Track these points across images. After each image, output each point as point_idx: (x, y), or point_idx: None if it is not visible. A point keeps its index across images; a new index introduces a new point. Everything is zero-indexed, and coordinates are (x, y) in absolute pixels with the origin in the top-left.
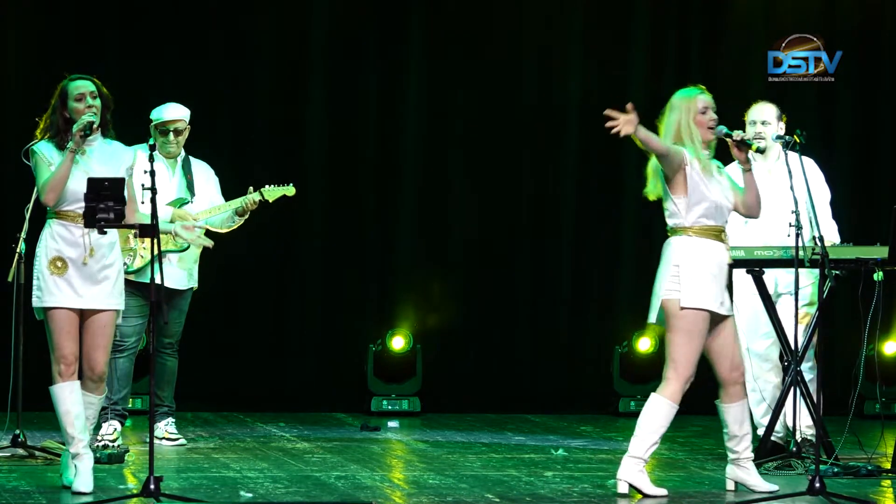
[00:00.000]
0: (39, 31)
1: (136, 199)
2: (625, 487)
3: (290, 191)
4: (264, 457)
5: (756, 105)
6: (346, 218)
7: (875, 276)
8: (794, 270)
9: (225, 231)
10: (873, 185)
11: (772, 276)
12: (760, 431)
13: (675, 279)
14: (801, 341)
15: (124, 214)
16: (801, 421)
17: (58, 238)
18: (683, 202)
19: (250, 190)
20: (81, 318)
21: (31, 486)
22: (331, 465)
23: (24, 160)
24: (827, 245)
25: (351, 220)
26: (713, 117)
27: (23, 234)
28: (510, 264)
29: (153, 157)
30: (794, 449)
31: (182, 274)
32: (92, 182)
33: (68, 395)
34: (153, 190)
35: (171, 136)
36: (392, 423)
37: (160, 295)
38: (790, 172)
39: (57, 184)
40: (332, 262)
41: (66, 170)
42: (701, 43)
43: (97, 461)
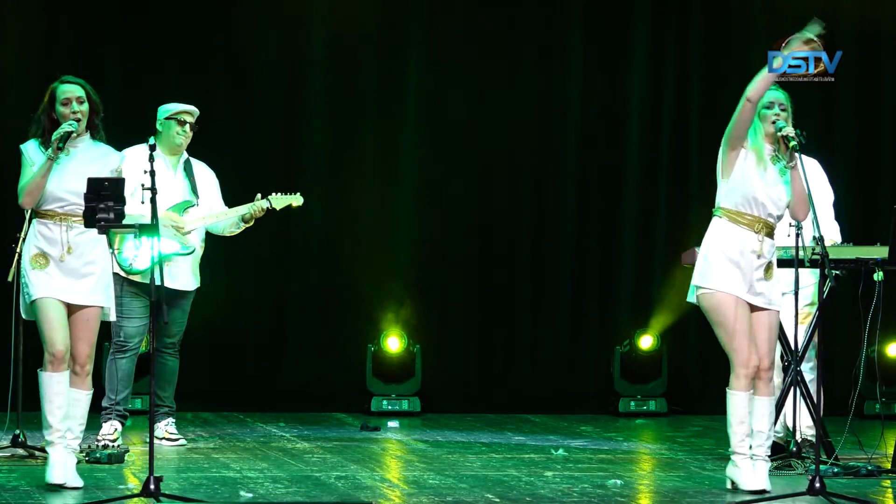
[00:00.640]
0: (40, 32)
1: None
2: (728, 483)
3: (297, 200)
4: (264, 457)
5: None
6: (345, 218)
7: (875, 276)
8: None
9: (227, 236)
10: (873, 186)
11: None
12: None
13: (700, 262)
14: (801, 341)
15: (124, 214)
16: (801, 421)
17: (39, 236)
18: (725, 184)
19: (258, 197)
20: (67, 312)
21: (31, 486)
22: (331, 465)
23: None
24: (827, 244)
25: (351, 220)
26: (777, 112)
27: (23, 234)
28: (510, 264)
29: (153, 157)
30: (794, 449)
31: (189, 275)
32: (92, 182)
33: (54, 385)
34: (153, 190)
35: (186, 127)
36: (392, 423)
37: (160, 294)
38: None
39: (33, 189)
40: (331, 262)
41: (42, 177)
42: (701, 43)
43: (97, 461)
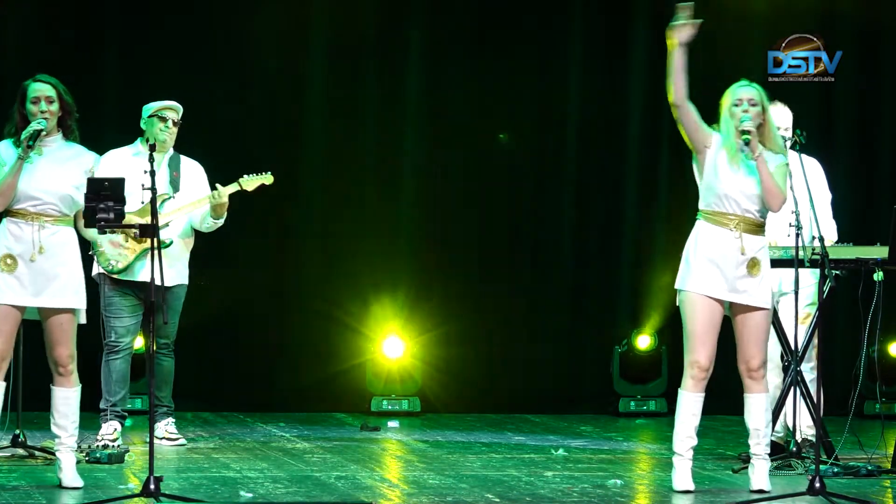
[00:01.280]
0: (40, 32)
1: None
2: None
3: (268, 179)
4: (264, 457)
5: (775, 107)
6: (345, 218)
7: (875, 276)
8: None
9: (205, 231)
10: (873, 185)
11: (774, 275)
12: None
13: (680, 266)
14: (801, 341)
15: (124, 214)
16: (801, 421)
17: (9, 235)
18: (701, 185)
19: (218, 187)
20: (41, 316)
21: (31, 486)
22: (331, 465)
23: None
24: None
25: (350, 220)
26: (745, 108)
27: None
28: (510, 264)
29: (153, 157)
30: (794, 449)
31: (171, 271)
32: (92, 182)
33: None
34: (153, 190)
35: (169, 123)
36: (392, 423)
37: (159, 295)
38: (790, 172)
39: (4, 189)
40: (332, 261)
41: (13, 177)
42: (701, 43)
43: (97, 461)
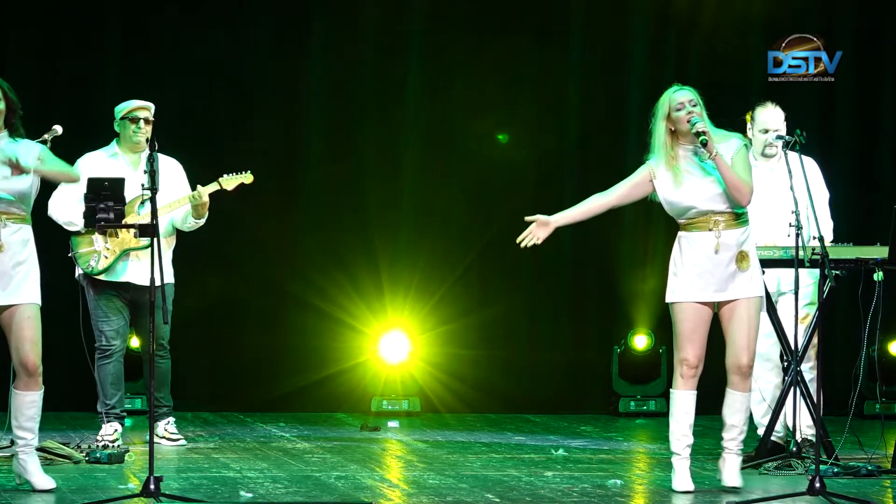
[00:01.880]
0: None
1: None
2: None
3: (247, 178)
4: (264, 457)
5: (766, 108)
6: (345, 218)
7: (875, 276)
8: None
9: (187, 230)
10: (873, 185)
11: (774, 275)
12: (760, 431)
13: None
14: (801, 341)
15: (124, 214)
16: (801, 421)
17: None
18: (667, 211)
19: (198, 187)
20: (3, 318)
21: (31, 485)
22: (331, 465)
23: None
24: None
25: (350, 220)
26: (689, 111)
27: None
28: (510, 263)
29: (153, 157)
30: (794, 449)
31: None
32: (92, 182)
33: None
34: (153, 190)
35: (141, 123)
36: (392, 423)
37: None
38: (790, 172)
39: None
40: (331, 262)
41: None
42: (701, 43)
43: (97, 461)
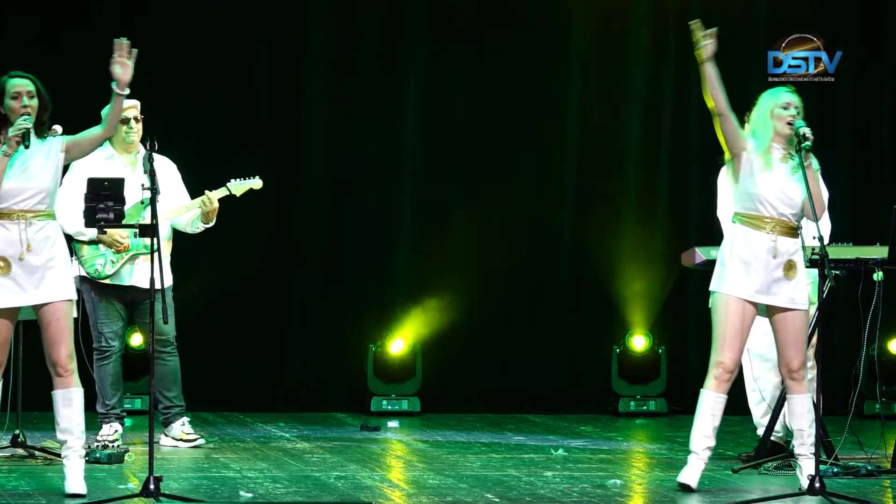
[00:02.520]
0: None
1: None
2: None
3: (256, 184)
4: (264, 457)
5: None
6: (346, 218)
7: (875, 276)
8: None
9: (192, 233)
10: (873, 185)
11: None
12: (760, 431)
13: (715, 268)
14: None
15: (124, 214)
16: None
17: None
18: (736, 189)
19: (207, 192)
20: (38, 314)
21: (31, 486)
22: (331, 465)
23: None
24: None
25: (351, 220)
26: (793, 114)
27: None
28: (510, 263)
29: (152, 157)
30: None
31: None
32: (92, 182)
33: None
34: (153, 190)
35: (132, 123)
36: (392, 423)
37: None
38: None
39: None
40: (331, 262)
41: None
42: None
43: (97, 461)
